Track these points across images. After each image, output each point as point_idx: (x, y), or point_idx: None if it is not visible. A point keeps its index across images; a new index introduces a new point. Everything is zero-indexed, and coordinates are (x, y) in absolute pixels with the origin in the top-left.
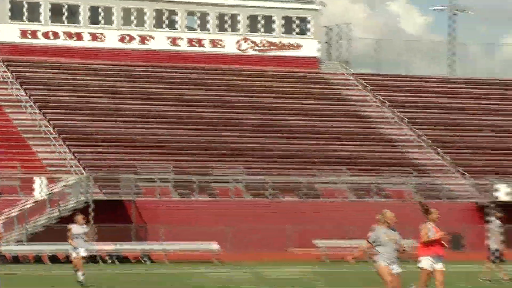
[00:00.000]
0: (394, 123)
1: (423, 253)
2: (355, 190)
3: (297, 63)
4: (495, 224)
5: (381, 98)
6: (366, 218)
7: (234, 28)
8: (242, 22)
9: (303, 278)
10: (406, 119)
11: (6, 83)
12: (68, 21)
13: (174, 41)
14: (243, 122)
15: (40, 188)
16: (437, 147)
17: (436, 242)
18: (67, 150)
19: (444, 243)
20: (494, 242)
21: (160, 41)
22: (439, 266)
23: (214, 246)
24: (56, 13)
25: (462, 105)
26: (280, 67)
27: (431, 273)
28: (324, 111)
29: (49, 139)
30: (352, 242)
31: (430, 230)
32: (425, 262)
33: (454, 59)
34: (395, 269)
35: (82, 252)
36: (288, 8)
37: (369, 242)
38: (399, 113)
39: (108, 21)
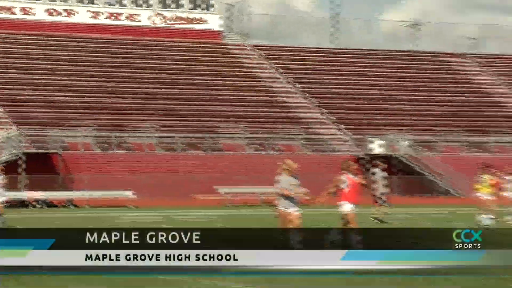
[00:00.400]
0: (286, 87)
1: (345, 199)
2: (252, 145)
3: (203, 35)
4: (378, 173)
5: (275, 65)
6: (262, 168)
7: (148, 4)
8: None
9: (206, 220)
10: (296, 83)
11: None
12: None
13: (95, 15)
14: (156, 86)
15: None
16: (322, 108)
17: (353, 191)
18: (0, 110)
19: (365, 185)
20: (378, 188)
21: (83, 15)
22: (354, 210)
23: (130, 193)
24: None
25: (344, 72)
26: (188, 38)
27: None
28: (226, 77)
29: None
30: (250, 189)
31: (345, 182)
32: (348, 207)
33: (337, 32)
34: (295, 211)
35: (1, 199)
36: None
37: (285, 188)
38: (290, 78)
39: None
